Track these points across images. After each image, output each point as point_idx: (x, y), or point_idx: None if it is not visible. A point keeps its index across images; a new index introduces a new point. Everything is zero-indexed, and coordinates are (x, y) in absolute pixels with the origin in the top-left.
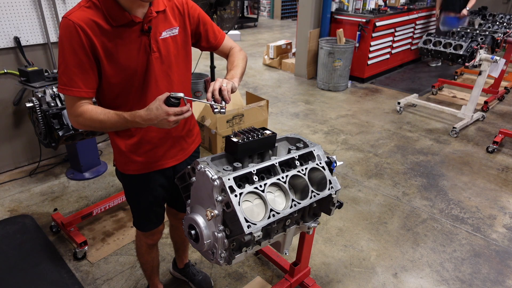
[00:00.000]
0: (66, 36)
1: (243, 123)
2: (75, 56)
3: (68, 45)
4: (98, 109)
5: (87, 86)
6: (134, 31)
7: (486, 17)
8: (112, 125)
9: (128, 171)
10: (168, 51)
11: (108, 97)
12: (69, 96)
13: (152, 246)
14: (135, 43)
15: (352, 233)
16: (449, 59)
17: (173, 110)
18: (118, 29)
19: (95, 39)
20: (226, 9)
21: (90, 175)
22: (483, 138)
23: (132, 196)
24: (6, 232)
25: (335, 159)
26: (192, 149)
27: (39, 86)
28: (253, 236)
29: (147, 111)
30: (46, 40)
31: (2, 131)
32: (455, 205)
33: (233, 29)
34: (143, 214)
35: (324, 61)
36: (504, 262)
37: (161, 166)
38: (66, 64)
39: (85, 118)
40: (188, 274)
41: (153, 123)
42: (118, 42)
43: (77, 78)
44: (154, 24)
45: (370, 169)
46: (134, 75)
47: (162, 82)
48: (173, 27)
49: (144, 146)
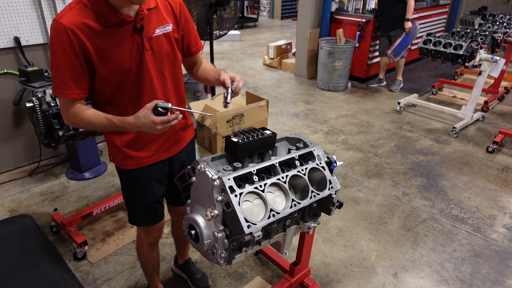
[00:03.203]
0: (57, 40)
1: (243, 123)
2: (66, 59)
3: (59, 49)
4: (89, 112)
5: (79, 87)
6: (126, 30)
7: (486, 17)
8: (102, 128)
9: (125, 166)
10: (161, 49)
11: (103, 95)
12: (62, 98)
13: (153, 245)
14: (128, 42)
15: (352, 233)
16: (449, 59)
17: (160, 119)
18: (110, 28)
19: (86, 42)
20: (226, 9)
21: (90, 175)
22: (483, 138)
23: (129, 190)
24: (6, 232)
25: (335, 159)
26: (187, 141)
27: (39, 86)
28: (253, 236)
29: (135, 119)
30: (46, 40)
31: (2, 131)
32: (455, 205)
33: (233, 29)
34: (141, 208)
35: (324, 61)
36: (504, 262)
37: (156, 159)
38: (58, 67)
39: (77, 119)
40: (187, 271)
41: (141, 130)
42: (110, 42)
43: (69, 80)
44: (146, 22)
45: (370, 169)
46: (128, 73)
47: (157, 80)
48: (166, 24)
49: (140, 141)
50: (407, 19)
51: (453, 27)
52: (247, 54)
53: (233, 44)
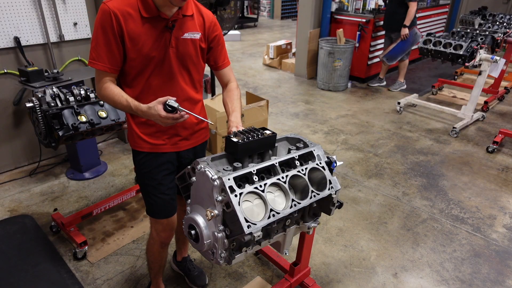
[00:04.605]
0: (101, 19)
1: (243, 123)
2: (105, 37)
3: (100, 27)
4: (116, 90)
5: (112, 63)
6: (160, 25)
7: (486, 17)
8: (121, 107)
9: (136, 147)
10: (185, 50)
11: (126, 77)
12: (97, 70)
13: (164, 245)
14: (158, 35)
15: (352, 233)
16: (449, 59)
17: (165, 115)
18: (147, 20)
19: (124, 26)
20: (226, 9)
21: (90, 175)
22: (483, 138)
23: (141, 175)
24: (6, 232)
25: (335, 159)
26: (198, 142)
27: (39, 86)
28: (253, 236)
29: (147, 108)
30: (46, 40)
31: (2, 131)
32: (455, 205)
33: (233, 29)
34: (151, 197)
35: (324, 61)
36: (504, 262)
37: (164, 149)
38: (97, 42)
39: (104, 93)
40: (185, 268)
41: (151, 119)
42: (143, 31)
43: (104, 54)
44: (179, 25)
45: (370, 169)
46: (150, 62)
47: (175, 75)
48: (195, 32)
49: (150, 127)
50: (404, 25)
51: (453, 27)
52: (247, 54)
53: (233, 44)
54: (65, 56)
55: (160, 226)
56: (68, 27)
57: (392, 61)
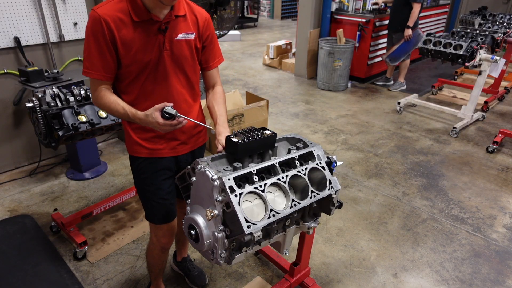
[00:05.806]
0: (92, 27)
1: (243, 123)
2: (97, 44)
3: (92, 35)
4: (112, 98)
5: (106, 71)
6: (152, 28)
7: (486, 17)
8: (118, 115)
9: (134, 153)
10: (180, 52)
11: (121, 83)
12: (92, 79)
13: (165, 250)
14: (151, 39)
15: (352, 233)
16: (449, 59)
17: (163, 122)
18: (139, 24)
19: (116, 32)
20: (226, 9)
21: (90, 175)
22: (483, 138)
23: (139, 180)
24: (6, 232)
25: (335, 159)
26: (196, 146)
27: (39, 86)
28: (253, 236)
29: (145, 116)
30: (46, 40)
31: (2, 131)
32: (455, 205)
33: (233, 29)
34: (150, 202)
35: (324, 61)
36: (504, 262)
37: (163, 154)
38: (89, 50)
39: (101, 102)
40: (185, 268)
41: (149, 126)
42: (136, 36)
43: (97, 63)
44: (172, 26)
45: (370, 169)
46: (146, 67)
47: (171, 79)
48: (189, 32)
49: (147, 133)
50: (407, 26)
51: (453, 27)
52: (247, 54)
53: (233, 44)
54: (65, 56)
55: (160, 232)
56: (68, 27)
57: (395, 61)
